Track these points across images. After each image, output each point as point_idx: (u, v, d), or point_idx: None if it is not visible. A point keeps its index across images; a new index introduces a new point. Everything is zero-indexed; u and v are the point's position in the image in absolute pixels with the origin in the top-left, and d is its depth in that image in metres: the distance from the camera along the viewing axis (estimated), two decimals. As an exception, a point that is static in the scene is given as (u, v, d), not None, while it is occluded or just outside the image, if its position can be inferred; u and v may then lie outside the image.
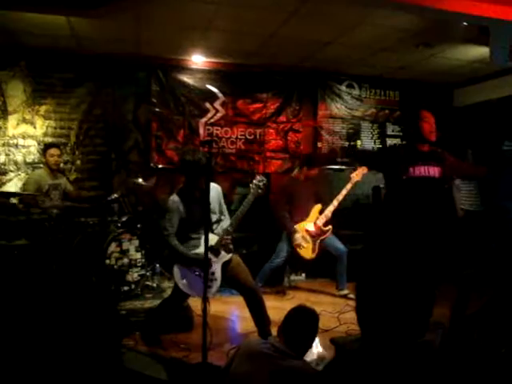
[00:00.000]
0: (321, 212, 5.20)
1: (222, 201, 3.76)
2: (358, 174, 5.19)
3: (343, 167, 6.78)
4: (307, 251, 5.12)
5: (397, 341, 1.13)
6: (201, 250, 3.45)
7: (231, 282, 3.70)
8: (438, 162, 3.51)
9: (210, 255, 3.43)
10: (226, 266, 3.60)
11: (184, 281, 3.52)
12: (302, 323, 2.42)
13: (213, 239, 3.47)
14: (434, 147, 3.60)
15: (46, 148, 5.18)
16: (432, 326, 1.30)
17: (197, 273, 3.49)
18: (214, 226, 3.62)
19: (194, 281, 3.50)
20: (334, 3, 4.21)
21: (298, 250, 5.09)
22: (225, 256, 3.58)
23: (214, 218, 3.62)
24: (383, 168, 3.89)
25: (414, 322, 1.15)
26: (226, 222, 3.69)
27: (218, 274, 3.55)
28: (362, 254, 5.82)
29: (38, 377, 2.00)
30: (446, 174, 3.52)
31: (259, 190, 3.56)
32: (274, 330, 3.73)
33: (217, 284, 3.55)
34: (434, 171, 3.46)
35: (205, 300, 2.96)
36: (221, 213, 3.72)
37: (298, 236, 5.06)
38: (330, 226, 5.19)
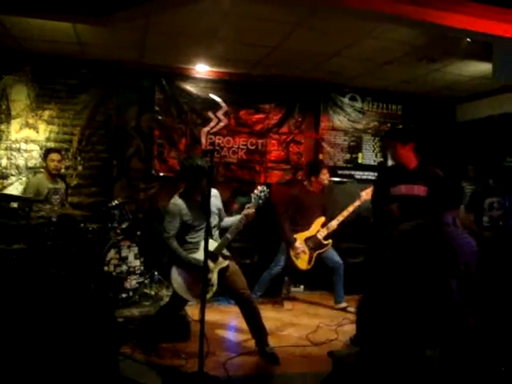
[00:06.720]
0: (323, 225, 5.19)
1: (221, 206, 3.78)
2: (368, 193, 5.03)
3: (345, 180, 6.79)
4: (303, 262, 5.10)
5: (397, 355, 1.12)
6: (199, 254, 3.47)
7: (226, 290, 3.70)
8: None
9: (208, 261, 3.43)
10: (223, 272, 3.59)
11: (181, 283, 3.52)
12: None
13: (212, 245, 3.47)
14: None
15: (46, 153, 5.18)
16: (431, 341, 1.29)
17: (194, 277, 3.48)
18: (213, 231, 3.63)
19: (191, 284, 3.50)
20: (339, 17, 4.24)
21: (294, 260, 5.07)
22: (222, 262, 3.58)
23: (213, 223, 3.62)
24: None
25: (415, 336, 1.14)
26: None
27: (215, 280, 3.55)
28: (365, 267, 5.78)
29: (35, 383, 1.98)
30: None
31: (260, 201, 3.60)
32: (271, 341, 3.74)
33: (213, 290, 3.54)
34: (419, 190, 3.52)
35: (203, 309, 2.94)
36: (220, 218, 3.73)
37: (297, 246, 5.04)
38: (330, 240, 5.18)
